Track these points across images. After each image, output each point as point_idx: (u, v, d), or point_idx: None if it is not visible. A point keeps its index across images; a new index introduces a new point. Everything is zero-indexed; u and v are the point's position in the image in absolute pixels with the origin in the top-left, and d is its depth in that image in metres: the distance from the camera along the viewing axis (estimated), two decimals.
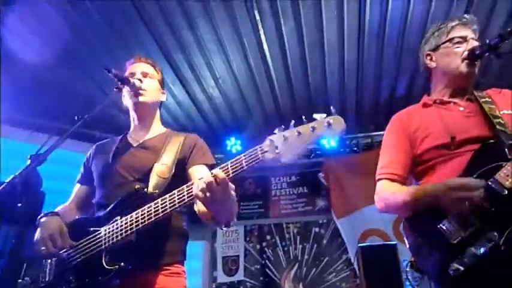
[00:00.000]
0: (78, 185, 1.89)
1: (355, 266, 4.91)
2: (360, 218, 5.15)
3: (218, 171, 1.27)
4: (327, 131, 1.20)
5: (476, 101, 1.69)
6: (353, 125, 5.57)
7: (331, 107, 1.26)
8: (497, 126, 1.55)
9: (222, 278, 5.63)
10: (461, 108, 1.69)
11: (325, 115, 1.23)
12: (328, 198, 5.70)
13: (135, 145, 1.79)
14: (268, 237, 5.77)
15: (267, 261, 5.60)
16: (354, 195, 5.24)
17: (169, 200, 1.38)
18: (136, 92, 1.80)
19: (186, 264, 1.71)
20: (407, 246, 1.62)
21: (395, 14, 3.86)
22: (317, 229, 5.68)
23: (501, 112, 1.62)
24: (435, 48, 1.81)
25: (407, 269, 3.53)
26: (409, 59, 4.41)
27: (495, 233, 1.36)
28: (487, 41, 1.55)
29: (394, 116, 1.88)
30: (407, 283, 3.63)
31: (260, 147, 1.26)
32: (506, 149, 1.47)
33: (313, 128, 1.21)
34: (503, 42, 1.51)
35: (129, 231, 1.43)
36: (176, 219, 1.67)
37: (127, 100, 1.88)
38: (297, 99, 5.06)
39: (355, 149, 5.77)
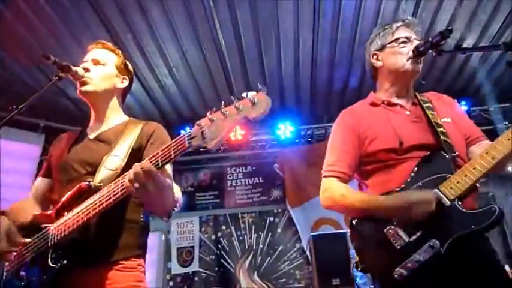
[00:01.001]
0: (39, 178, 1.78)
1: (308, 254, 5.03)
2: (313, 207, 5.27)
3: (145, 162, 1.23)
4: (251, 110, 1.15)
5: (420, 106, 1.73)
6: (308, 116, 5.66)
7: (258, 84, 1.21)
8: (442, 136, 1.59)
9: (177, 269, 5.58)
10: (407, 112, 1.72)
11: (253, 93, 1.18)
12: (283, 188, 5.78)
13: (91, 137, 1.69)
14: (223, 227, 5.77)
15: (222, 251, 5.61)
16: (308, 185, 5.34)
17: (113, 190, 1.33)
18: (79, 81, 1.70)
19: None
20: (353, 247, 1.64)
21: (348, 6, 3.93)
22: (272, 219, 5.75)
23: (442, 120, 1.67)
24: (381, 48, 1.82)
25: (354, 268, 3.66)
26: (361, 51, 4.51)
27: (437, 241, 1.42)
28: (430, 39, 1.58)
29: (344, 113, 1.85)
30: (356, 279, 3.78)
31: (188, 134, 1.20)
32: (451, 161, 1.53)
33: (238, 109, 1.15)
34: (445, 40, 1.55)
35: (71, 228, 1.37)
36: (133, 212, 1.58)
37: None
38: (252, 87, 5.01)
39: (310, 139, 5.87)
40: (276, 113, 5.49)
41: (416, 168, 1.56)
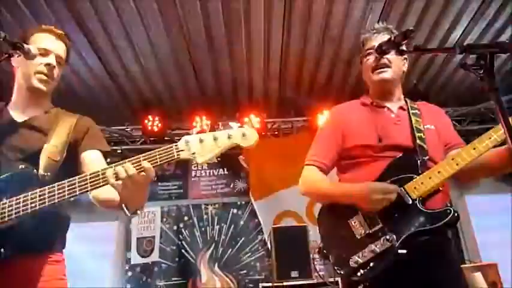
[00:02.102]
0: None
1: (269, 246, 5.07)
2: (276, 200, 5.31)
3: (146, 163, 1.28)
4: (241, 140, 1.30)
5: (407, 111, 1.83)
6: (275, 109, 5.67)
7: (245, 121, 1.36)
8: (418, 141, 1.69)
9: (136, 259, 5.47)
10: (392, 115, 1.82)
11: (238, 124, 1.33)
12: (247, 180, 5.77)
13: (19, 120, 1.60)
14: (185, 218, 5.70)
15: (183, 242, 5.55)
16: (272, 178, 5.37)
17: (69, 187, 1.31)
18: (39, 73, 1.59)
19: (98, 245, 1.66)
20: (319, 232, 1.75)
21: (318, 3, 3.95)
22: (235, 210, 5.74)
23: (425, 126, 1.76)
24: (361, 63, 1.93)
25: (316, 255, 3.74)
26: (330, 48, 4.56)
27: (394, 235, 1.53)
28: (392, 38, 1.60)
29: (335, 108, 1.98)
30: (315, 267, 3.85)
31: (176, 145, 1.29)
32: (419, 164, 1.62)
33: (229, 136, 1.30)
34: (406, 40, 1.57)
35: (13, 215, 1.31)
36: (62, 208, 1.56)
37: (21, 73, 1.64)
38: (220, 79, 4.99)
39: (276, 133, 5.89)
40: (243, 105, 5.47)
41: (387, 167, 1.66)
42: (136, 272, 5.41)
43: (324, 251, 1.71)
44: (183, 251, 5.50)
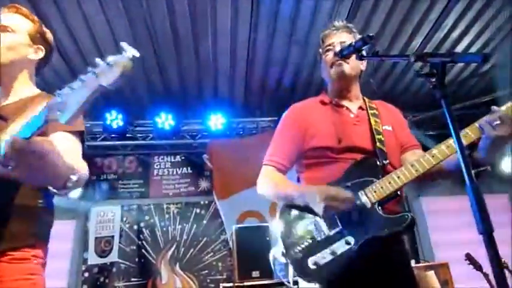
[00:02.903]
0: None
1: (231, 246, 5.05)
2: (240, 200, 5.29)
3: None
4: (107, 72, 0.99)
5: (366, 111, 1.83)
6: (241, 109, 5.65)
7: (121, 43, 1.05)
8: (378, 143, 1.70)
9: (94, 259, 5.29)
10: (352, 115, 1.82)
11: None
12: (211, 179, 5.72)
13: None
14: (146, 217, 5.57)
15: (143, 242, 5.43)
16: (236, 178, 5.34)
17: None
18: None
19: (53, 245, 1.50)
20: (280, 234, 1.72)
21: (286, 4, 3.96)
22: (198, 210, 5.67)
23: (383, 127, 1.78)
24: (320, 60, 1.94)
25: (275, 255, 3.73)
26: (297, 49, 4.59)
27: (353, 239, 1.53)
28: (353, 43, 1.63)
29: (293, 107, 1.94)
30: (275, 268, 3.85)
31: (49, 104, 1.06)
32: (379, 168, 1.64)
33: (95, 74, 1.00)
34: (366, 45, 1.60)
35: None
36: (25, 197, 1.42)
37: None
38: (185, 75, 4.90)
39: (241, 132, 5.88)
40: (208, 104, 5.42)
41: (347, 169, 1.67)
42: (93, 272, 5.23)
43: (283, 252, 1.68)
44: (143, 251, 5.38)
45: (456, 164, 1.58)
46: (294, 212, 1.70)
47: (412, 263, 4.75)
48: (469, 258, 3.81)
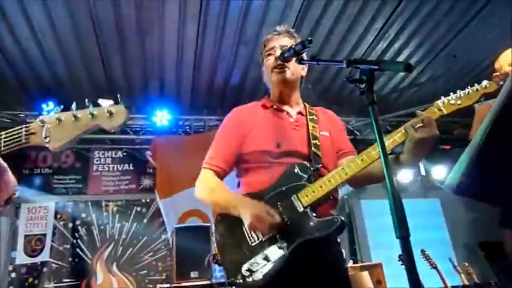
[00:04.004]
0: None
1: (171, 245, 4.94)
2: (183, 199, 5.16)
3: None
4: (106, 120, 1.10)
5: (305, 117, 1.85)
6: (188, 106, 5.55)
7: (118, 95, 1.17)
8: (313, 148, 1.72)
9: (22, 258, 4.95)
10: (291, 120, 1.83)
11: (111, 102, 1.14)
12: (154, 177, 5.56)
13: None
14: (83, 215, 5.30)
15: (78, 240, 5.16)
16: (180, 176, 5.20)
17: None
18: None
19: None
20: (214, 239, 1.70)
21: (235, 4, 3.93)
22: (139, 208, 5.50)
23: (321, 133, 1.80)
24: (261, 64, 1.93)
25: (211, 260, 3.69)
26: (245, 49, 4.58)
27: (285, 243, 1.53)
28: (293, 46, 1.65)
29: (235, 110, 1.92)
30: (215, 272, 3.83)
31: (26, 127, 1.11)
32: (313, 172, 1.66)
33: (93, 115, 1.10)
34: (305, 49, 1.62)
35: None
36: None
37: None
38: (130, 69, 4.73)
39: (188, 130, 5.77)
40: (154, 99, 5.26)
41: (282, 174, 1.67)
42: (21, 273, 4.90)
43: (218, 257, 1.67)
44: (78, 250, 5.12)
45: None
46: (229, 219, 1.68)
47: (350, 263, 4.93)
48: (401, 259, 3.98)
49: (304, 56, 1.71)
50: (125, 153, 5.74)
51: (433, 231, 6.01)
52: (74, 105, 1.12)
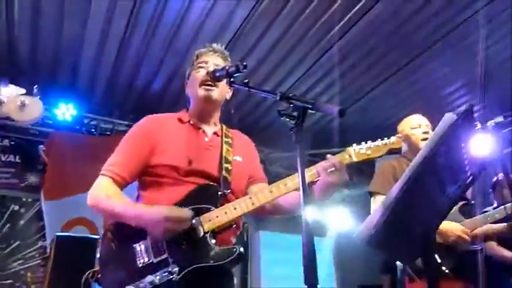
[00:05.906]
0: None
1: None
2: (72, 204, 4.64)
3: None
4: (18, 112, 0.89)
5: (220, 138, 1.83)
6: (98, 105, 5.15)
7: (35, 87, 0.97)
8: (224, 172, 1.70)
9: None
10: (206, 139, 1.79)
11: (23, 90, 0.98)
12: (43, 175, 4.96)
13: None
14: None
15: None
16: (75, 179, 4.72)
17: None
18: None
19: None
20: (98, 255, 1.60)
21: (171, 9, 3.79)
22: (17, 207, 4.85)
23: (234, 157, 1.78)
24: (188, 76, 1.88)
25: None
26: (173, 59, 4.42)
27: (176, 268, 1.46)
28: (227, 67, 1.62)
29: (148, 118, 1.83)
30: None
31: None
32: (219, 196, 1.63)
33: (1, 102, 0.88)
34: (238, 73, 1.58)
35: None
36: None
37: None
38: (39, 51, 4.22)
39: (93, 130, 5.35)
40: (61, 89, 4.77)
41: (188, 194, 1.61)
42: None
43: (98, 276, 1.55)
44: None
45: (291, 203, 1.73)
46: (121, 233, 1.57)
47: None
48: None
49: (235, 80, 1.67)
50: (12, 143, 5.04)
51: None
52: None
